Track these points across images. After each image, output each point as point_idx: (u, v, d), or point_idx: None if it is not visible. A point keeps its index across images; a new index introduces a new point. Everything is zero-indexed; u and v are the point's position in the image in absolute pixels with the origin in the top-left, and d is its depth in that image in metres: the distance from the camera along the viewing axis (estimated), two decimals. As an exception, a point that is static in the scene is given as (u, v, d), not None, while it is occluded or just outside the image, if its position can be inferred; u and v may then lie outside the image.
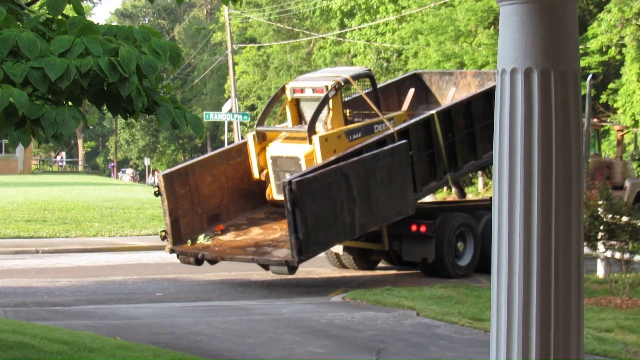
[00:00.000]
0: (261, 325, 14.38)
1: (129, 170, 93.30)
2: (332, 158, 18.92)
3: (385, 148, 19.29)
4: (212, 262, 19.51)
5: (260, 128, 20.84)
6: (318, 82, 20.58)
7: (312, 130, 19.72)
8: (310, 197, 17.73)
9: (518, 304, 4.27)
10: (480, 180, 47.51)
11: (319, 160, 19.32)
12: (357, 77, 21.09)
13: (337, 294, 18.24)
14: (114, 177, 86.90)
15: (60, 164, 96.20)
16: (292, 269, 18.09)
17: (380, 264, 22.83)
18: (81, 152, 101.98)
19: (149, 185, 63.08)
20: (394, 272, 22.18)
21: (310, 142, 19.64)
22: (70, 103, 7.32)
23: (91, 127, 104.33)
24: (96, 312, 15.69)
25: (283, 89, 21.04)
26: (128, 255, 25.20)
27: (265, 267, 18.83)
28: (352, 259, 22.15)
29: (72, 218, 32.35)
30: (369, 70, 22.31)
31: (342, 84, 20.44)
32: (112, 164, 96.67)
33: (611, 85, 45.61)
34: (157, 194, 19.46)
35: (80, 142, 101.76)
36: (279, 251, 18.59)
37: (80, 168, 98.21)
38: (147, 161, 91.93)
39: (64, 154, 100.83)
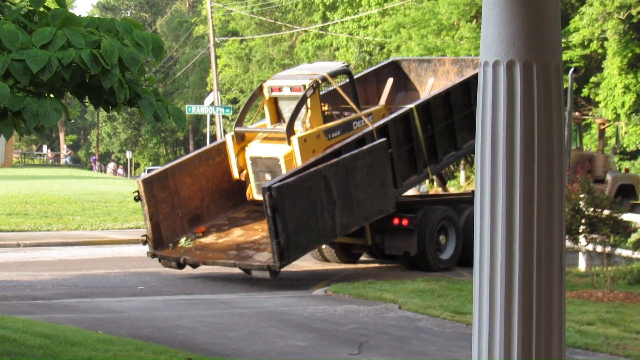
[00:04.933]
0: (243, 318, 14.37)
1: (112, 164, 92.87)
2: (312, 160, 18.81)
3: (364, 148, 19.20)
4: (194, 266, 19.57)
5: (238, 129, 20.73)
6: (296, 80, 20.43)
7: (290, 131, 19.59)
8: (290, 201, 17.68)
9: (500, 296, 4.27)
10: (462, 174, 47.63)
11: (298, 161, 19.25)
12: (334, 75, 20.99)
13: (319, 287, 18.25)
14: (96, 170, 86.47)
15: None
16: (274, 274, 18.08)
17: (363, 257, 22.85)
18: (63, 145, 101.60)
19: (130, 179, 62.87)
20: (376, 265, 22.21)
21: (289, 144, 19.54)
22: (52, 95, 7.29)
23: (73, 120, 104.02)
24: (78, 305, 15.64)
25: (260, 88, 20.88)
26: (110, 249, 25.13)
27: (247, 271, 18.83)
28: (335, 253, 22.15)
29: (54, 211, 32.23)
30: (347, 66, 22.11)
31: (320, 82, 20.35)
32: (95, 157, 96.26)
33: (593, 79, 45.76)
34: (137, 199, 19.41)
35: (62, 135, 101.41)
36: (261, 255, 18.55)
37: (61, 161, 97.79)
38: (129, 154, 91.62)
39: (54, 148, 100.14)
